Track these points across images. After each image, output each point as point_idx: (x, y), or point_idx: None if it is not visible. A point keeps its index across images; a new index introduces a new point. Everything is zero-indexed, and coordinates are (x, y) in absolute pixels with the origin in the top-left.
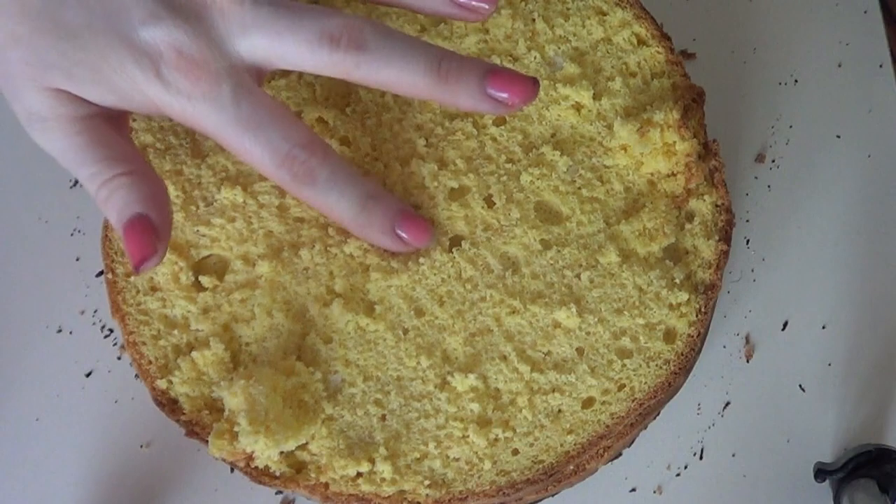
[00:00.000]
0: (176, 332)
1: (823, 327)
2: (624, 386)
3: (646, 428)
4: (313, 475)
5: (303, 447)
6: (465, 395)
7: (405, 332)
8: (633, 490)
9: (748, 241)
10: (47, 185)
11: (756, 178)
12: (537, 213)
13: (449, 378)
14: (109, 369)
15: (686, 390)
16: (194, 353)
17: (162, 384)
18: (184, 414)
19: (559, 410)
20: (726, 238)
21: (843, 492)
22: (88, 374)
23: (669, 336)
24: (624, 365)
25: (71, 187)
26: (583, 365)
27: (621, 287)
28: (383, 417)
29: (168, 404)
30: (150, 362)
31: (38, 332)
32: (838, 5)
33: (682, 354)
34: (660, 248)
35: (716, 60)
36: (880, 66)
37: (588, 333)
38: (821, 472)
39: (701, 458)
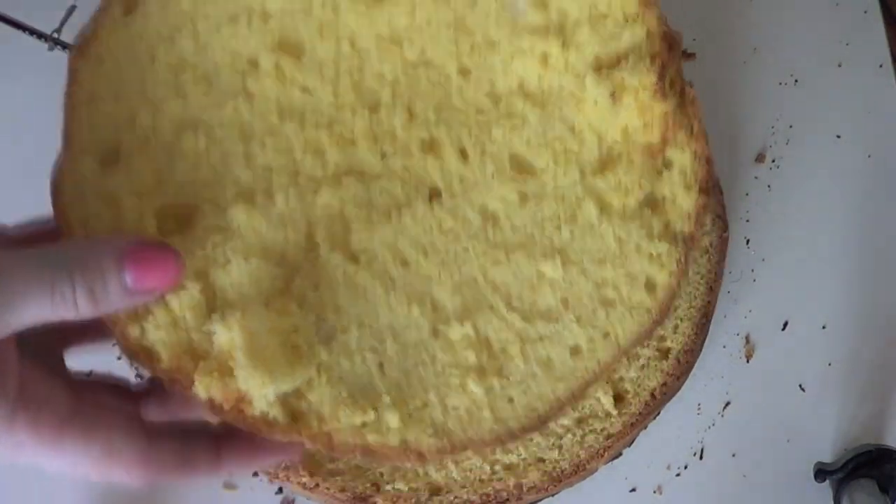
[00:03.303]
0: None
1: (823, 327)
2: (608, 334)
3: (646, 428)
4: (315, 424)
5: (299, 395)
6: (458, 343)
7: (392, 281)
8: (633, 490)
9: (748, 241)
10: (46, 184)
11: (756, 178)
12: (512, 166)
13: (441, 327)
14: (109, 369)
15: (686, 390)
16: (168, 297)
17: (134, 331)
18: (161, 362)
19: (549, 359)
20: (706, 189)
21: (843, 492)
22: (88, 374)
23: (650, 286)
24: (608, 314)
25: None
26: (568, 315)
27: (601, 239)
28: (381, 365)
29: (143, 353)
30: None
31: None
32: (838, 5)
33: (663, 303)
34: (636, 200)
35: (716, 60)
36: (880, 66)
37: (571, 284)
38: (821, 472)
39: (701, 458)
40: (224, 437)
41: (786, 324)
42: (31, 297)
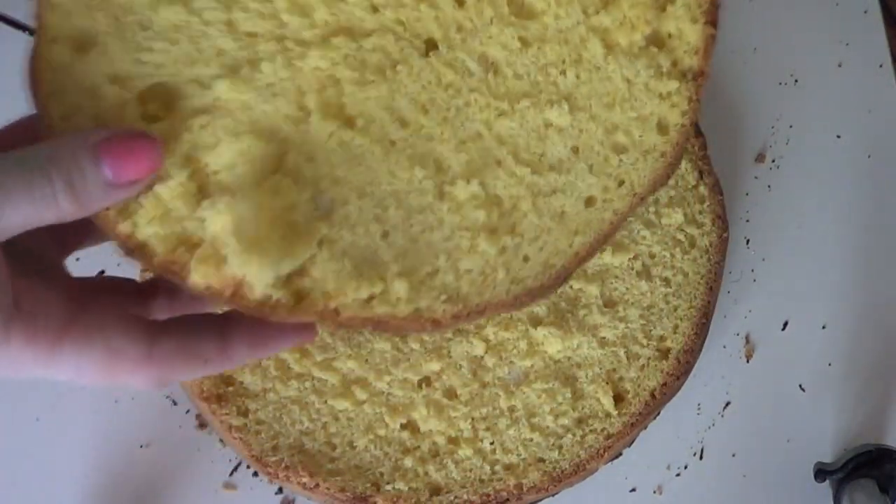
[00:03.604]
0: None
1: (823, 327)
2: (623, 182)
3: (646, 428)
4: (321, 301)
5: (302, 273)
6: (466, 203)
7: (392, 143)
8: (633, 490)
9: (748, 241)
10: None
11: (756, 178)
12: (511, 9)
13: (447, 187)
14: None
15: (686, 390)
16: (157, 188)
17: (125, 228)
18: (156, 256)
19: (563, 212)
20: (713, 21)
21: (843, 492)
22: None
23: (662, 127)
24: (621, 160)
25: None
26: (580, 164)
27: (609, 80)
28: (386, 234)
29: (137, 249)
30: (108, 206)
31: None
32: (838, 5)
33: (677, 144)
34: (642, 36)
35: (716, 60)
36: (880, 66)
37: (581, 131)
38: (821, 472)
39: (701, 458)
40: (231, 326)
41: (786, 324)
42: (10, 201)
